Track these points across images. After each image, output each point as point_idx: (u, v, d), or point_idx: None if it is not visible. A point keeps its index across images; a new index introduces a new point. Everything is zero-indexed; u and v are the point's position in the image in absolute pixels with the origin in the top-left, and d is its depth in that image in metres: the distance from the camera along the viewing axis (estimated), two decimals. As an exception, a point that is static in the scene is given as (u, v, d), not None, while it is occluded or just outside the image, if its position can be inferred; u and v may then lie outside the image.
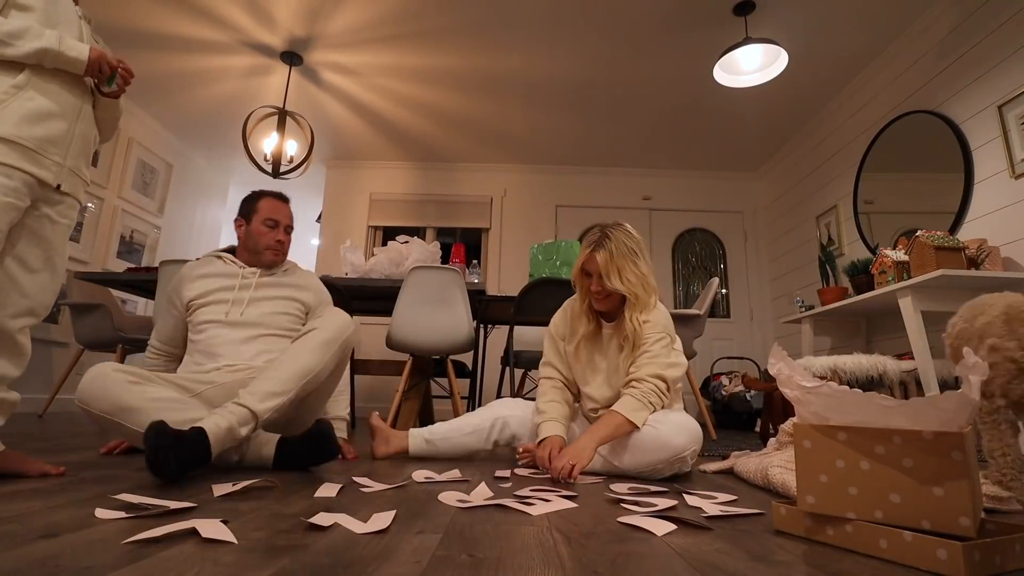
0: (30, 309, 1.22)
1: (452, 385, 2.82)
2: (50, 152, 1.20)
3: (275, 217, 1.77)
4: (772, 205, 5.03)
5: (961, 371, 0.79)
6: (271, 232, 1.77)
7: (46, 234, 1.24)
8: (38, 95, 1.19)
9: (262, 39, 3.59)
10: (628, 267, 1.60)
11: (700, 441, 1.50)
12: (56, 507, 0.91)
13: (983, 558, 0.67)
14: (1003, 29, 2.69)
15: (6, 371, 1.20)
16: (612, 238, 1.63)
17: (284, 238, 1.79)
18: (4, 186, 1.12)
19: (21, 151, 1.15)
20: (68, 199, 1.29)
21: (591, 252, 1.62)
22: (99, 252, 4.29)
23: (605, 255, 1.60)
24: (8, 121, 1.14)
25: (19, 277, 1.20)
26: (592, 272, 1.63)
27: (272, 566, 0.63)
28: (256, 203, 1.79)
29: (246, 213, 1.79)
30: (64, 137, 1.24)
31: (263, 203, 1.78)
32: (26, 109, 1.16)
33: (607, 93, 4.08)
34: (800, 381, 0.88)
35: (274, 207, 1.78)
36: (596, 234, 1.66)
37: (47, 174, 1.20)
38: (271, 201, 1.79)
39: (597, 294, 1.64)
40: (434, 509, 0.99)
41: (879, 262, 2.80)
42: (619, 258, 1.60)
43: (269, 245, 1.77)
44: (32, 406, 3.58)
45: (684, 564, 0.70)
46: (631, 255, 1.62)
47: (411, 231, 5.21)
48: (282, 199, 1.82)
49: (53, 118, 1.21)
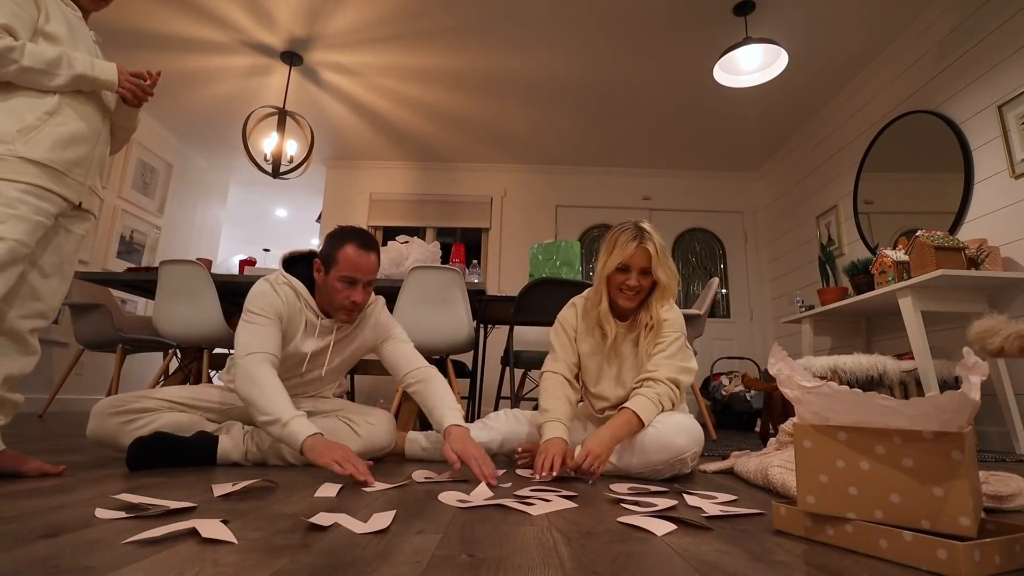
0: (41, 312, 1.29)
1: (452, 385, 2.82)
2: (75, 173, 1.29)
3: (354, 275, 1.54)
4: (772, 205, 5.03)
5: (961, 371, 0.79)
6: (347, 290, 1.55)
7: (61, 243, 1.32)
8: (67, 121, 1.27)
9: (262, 39, 3.59)
10: (668, 261, 1.63)
11: (701, 443, 1.50)
12: (56, 507, 0.91)
13: (983, 558, 0.67)
14: (1003, 29, 2.69)
15: (15, 371, 1.24)
16: (649, 232, 1.61)
17: (361, 298, 1.57)
18: (37, 207, 1.20)
19: (52, 174, 1.23)
20: (85, 213, 1.37)
21: (639, 245, 1.58)
22: (99, 252, 4.29)
23: (654, 247, 1.59)
24: (42, 146, 1.21)
25: (34, 282, 1.26)
26: (634, 266, 1.60)
27: (272, 566, 0.63)
28: (338, 252, 1.54)
29: (326, 259, 1.56)
30: (87, 159, 1.32)
31: (344, 254, 1.53)
32: (57, 134, 1.24)
33: (607, 93, 4.08)
34: (800, 381, 0.88)
35: (355, 263, 1.54)
36: (632, 230, 1.61)
37: (71, 194, 1.28)
38: (354, 253, 1.54)
39: (632, 290, 1.61)
40: (434, 509, 0.99)
41: (879, 262, 2.79)
42: (663, 253, 1.61)
43: (343, 306, 1.57)
44: (32, 406, 3.58)
45: (684, 564, 0.70)
46: (666, 250, 1.65)
47: (411, 231, 5.21)
48: (367, 247, 1.57)
49: (78, 142, 1.29)
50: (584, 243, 5.19)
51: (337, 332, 1.66)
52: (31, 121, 1.21)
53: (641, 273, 1.60)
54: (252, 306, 1.53)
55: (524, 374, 3.62)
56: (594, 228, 5.29)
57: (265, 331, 1.50)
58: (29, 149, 1.19)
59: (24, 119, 1.21)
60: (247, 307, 1.54)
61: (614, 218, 5.27)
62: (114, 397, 1.49)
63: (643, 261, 1.59)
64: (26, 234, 1.17)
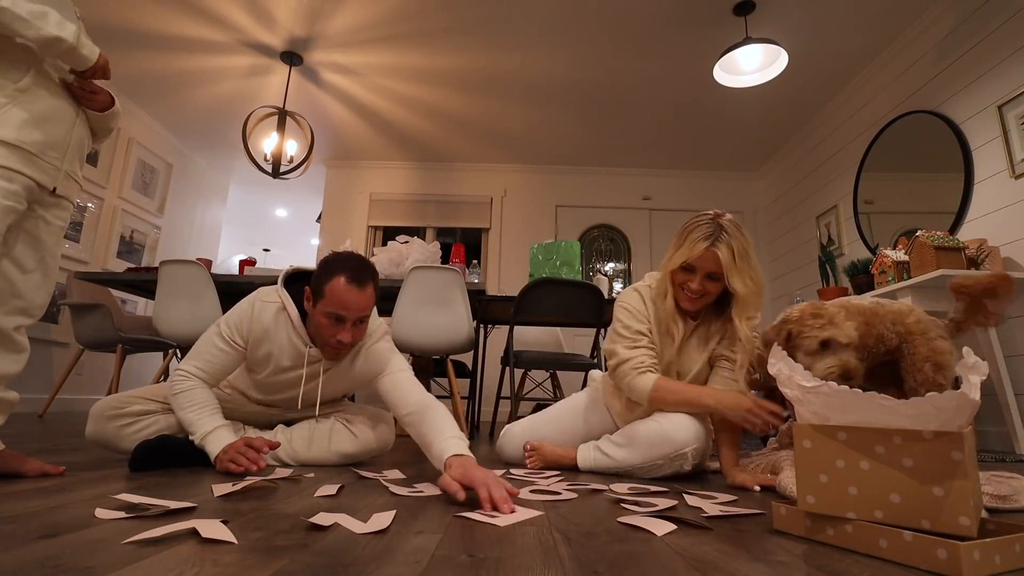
0: (23, 309, 1.23)
1: (452, 385, 2.82)
2: (49, 156, 1.20)
3: (340, 312, 1.37)
4: (772, 205, 5.03)
5: (961, 371, 0.79)
6: (333, 327, 1.39)
7: (40, 235, 1.24)
8: (40, 99, 1.19)
9: (262, 39, 3.59)
10: (748, 269, 1.40)
11: (702, 440, 1.45)
12: (56, 507, 0.91)
13: (983, 558, 0.67)
14: (1003, 29, 2.69)
15: (5, 369, 1.20)
16: (731, 232, 1.40)
17: (349, 338, 1.40)
18: (5, 190, 1.12)
19: (22, 155, 1.15)
20: (62, 201, 1.29)
21: (708, 248, 1.39)
22: (99, 252, 4.29)
23: (729, 252, 1.37)
24: (10, 125, 1.14)
25: (13, 277, 1.20)
26: (701, 269, 1.42)
27: (272, 566, 0.63)
28: (326, 284, 1.38)
29: (315, 289, 1.41)
30: (62, 141, 1.24)
31: (332, 287, 1.37)
32: (28, 113, 1.16)
33: (607, 93, 4.08)
34: (800, 381, 0.88)
35: (342, 300, 1.36)
36: (709, 226, 1.41)
37: (45, 178, 1.20)
38: (343, 287, 1.36)
39: (695, 293, 1.44)
40: (434, 509, 0.99)
41: (879, 262, 2.80)
42: (741, 259, 1.38)
43: (328, 343, 1.43)
44: (32, 406, 3.58)
45: (684, 564, 0.70)
46: (750, 255, 1.41)
47: (411, 231, 5.21)
48: (360, 281, 1.38)
49: (53, 122, 1.21)
50: (584, 243, 5.19)
51: (325, 364, 1.52)
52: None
53: (708, 278, 1.42)
54: (223, 324, 1.47)
55: (524, 374, 3.62)
56: (594, 228, 5.29)
57: (215, 355, 1.44)
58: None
59: None
60: (220, 320, 1.49)
61: (614, 218, 5.27)
62: (112, 397, 1.48)
63: (711, 266, 1.41)
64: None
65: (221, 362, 1.45)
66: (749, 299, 1.41)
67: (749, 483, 1.34)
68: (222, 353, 1.45)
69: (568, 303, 2.83)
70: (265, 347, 1.47)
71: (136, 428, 1.46)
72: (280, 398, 1.59)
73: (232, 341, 1.45)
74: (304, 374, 1.50)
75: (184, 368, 1.44)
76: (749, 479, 1.35)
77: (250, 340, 1.46)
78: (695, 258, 1.41)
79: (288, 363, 1.49)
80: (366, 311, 1.42)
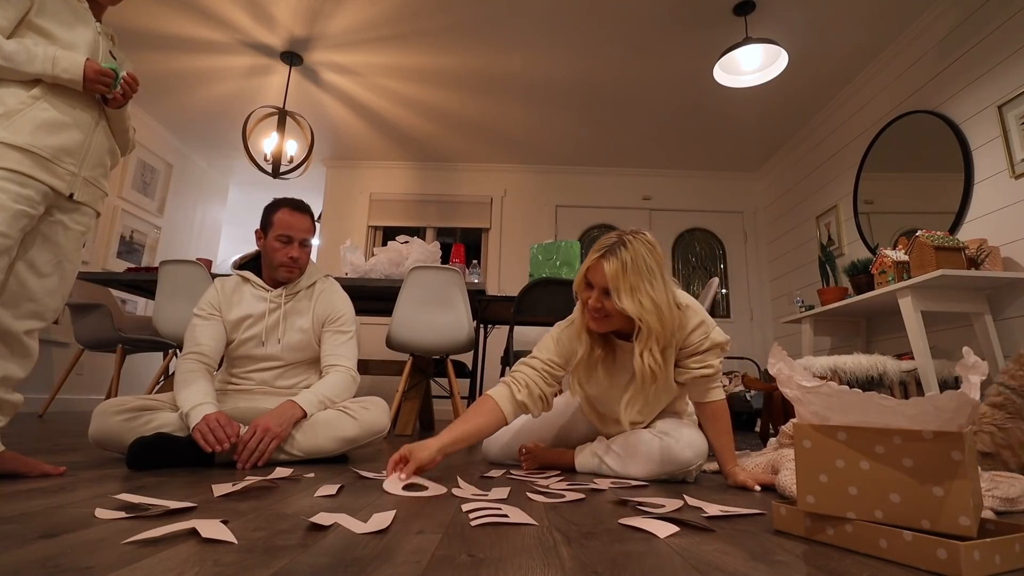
0: (37, 313, 1.23)
1: (452, 385, 2.82)
2: (64, 162, 1.21)
3: (288, 233, 1.71)
4: (772, 205, 5.03)
5: (961, 371, 0.79)
6: (284, 248, 1.72)
7: (58, 239, 1.25)
8: (54, 106, 1.20)
9: (262, 39, 3.59)
10: (644, 287, 1.30)
11: (705, 457, 1.48)
12: (56, 507, 0.91)
13: (983, 558, 0.67)
14: (1003, 29, 2.69)
15: (11, 372, 1.21)
16: (629, 247, 1.32)
17: (298, 254, 1.73)
18: (18, 194, 1.13)
19: (35, 160, 1.16)
20: (82, 207, 1.29)
21: (599, 258, 1.33)
22: (99, 252, 4.29)
23: (616, 265, 1.30)
24: (24, 130, 1.15)
25: (28, 281, 1.20)
26: (596, 283, 1.35)
27: (272, 566, 0.63)
28: (272, 215, 1.73)
29: (264, 225, 1.75)
30: (80, 147, 1.24)
31: (278, 216, 1.72)
32: (41, 119, 1.18)
33: (607, 93, 4.08)
34: (800, 381, 0.88)
35: (288, 222, 1.71)
36: (611, 239, 1.37)
37: (60, 183, 1.21)
38: (286, 213, 1.72)
39: (594, 312, 1.37)
40: (434, 509, 0.99)
41: (879, 262, 2.79)
42: (633, 274, 1.30)
43: (282, 262, 1.73)
44: (32, 406, 3.58)
45: (684, 564, 0.70)
46: (648, 273, 1.31)
47: (411, 231, 5.22)
48: (299, 209, 1.75)
49: (68, 128, 1.22)
50: (584, 243, 5.18)
51: (287, 301, 1.76)
52: (13, 106, 1.15)
53: (604, 294, 1.34)
54: (197, 307, 1.73)
55: (524, 374, 3.61)
56: (594, 228, 5.29)
57: (199, 329, 1.68)
58: (9, 133, 1.13)
59: (6, 104, 1.15)
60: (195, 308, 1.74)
61: (614, 218, 5.27)
62: (115, 399, 1.51)
63: (601, 279, 1.33)
64: (6, 223, 1.11)
65: (207, 333, 1.68)
66: (651, 325, 1.30)
67: (749, 483, 1.34)
68: (205, 324, 1.70)
69: (568, 303, 2.79)
70: (236, 310, 1.73)
71: (140, 422, 1.48)
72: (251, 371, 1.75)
73: (208, 312, 1.72)
74: (269, 311, 1.74)
75: (183, 356, 1.64)
76: (749, 479, 1.35)
77: (221, 306, 1.73)
78: (586, 269, 1.37)
79: (259, 310, 1.73)
80: (309, 233, 1.76)
